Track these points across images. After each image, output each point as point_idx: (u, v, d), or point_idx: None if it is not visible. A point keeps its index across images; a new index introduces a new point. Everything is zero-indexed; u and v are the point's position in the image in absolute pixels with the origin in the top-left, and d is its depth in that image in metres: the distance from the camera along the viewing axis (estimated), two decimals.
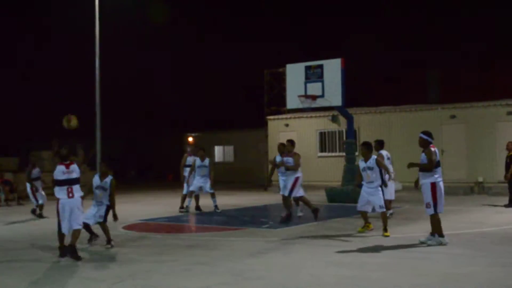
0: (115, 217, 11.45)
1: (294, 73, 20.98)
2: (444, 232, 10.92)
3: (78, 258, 10.06)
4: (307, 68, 20.61)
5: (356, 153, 22.18)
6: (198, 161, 17.42)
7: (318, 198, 21.28)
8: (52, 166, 29.40)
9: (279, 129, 29.13)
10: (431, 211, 10.86)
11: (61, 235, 10.47)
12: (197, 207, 17.87)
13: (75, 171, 10.54)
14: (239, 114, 44.07)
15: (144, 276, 8.72)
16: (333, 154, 26.91)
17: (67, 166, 10.48)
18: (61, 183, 10.41)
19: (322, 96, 20.15)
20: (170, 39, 47.70)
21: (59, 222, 10.46)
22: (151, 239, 12.70)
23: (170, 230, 14.17)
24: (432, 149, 10.85)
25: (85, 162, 30.55)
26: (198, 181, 17.34)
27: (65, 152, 10.75)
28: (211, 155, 37.59)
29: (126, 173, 40.38)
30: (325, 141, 27.65)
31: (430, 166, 10.73)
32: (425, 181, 10.84)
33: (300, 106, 20.79)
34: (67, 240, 10.38)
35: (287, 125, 28.85)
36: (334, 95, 20.00)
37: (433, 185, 10.78)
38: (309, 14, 50.13)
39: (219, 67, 48.37)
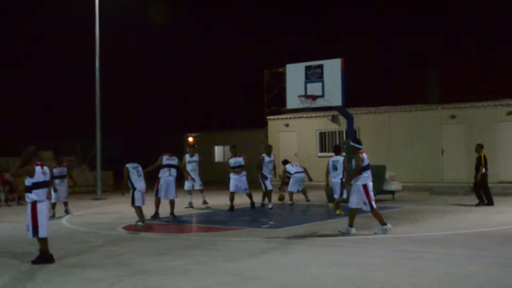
0: None
1: (294, 73, 20.94)
2: (444, 232, 11.18)
3: (52, 260, 9.93)
4: (307, 68, 20.57)
5: None
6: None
7: (318, 198, 21.28)
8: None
9: (279, 129, 29.13)
10: (367, 208, 12.26)
11: (44, 240, 9.98)
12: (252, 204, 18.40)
13: (47, 173, 10.02)
14: (239, 114, 44.09)
15: (144, 276, 8.72)
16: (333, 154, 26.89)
17: (42, 166, 9.99)
18: (40, 185, 9.89)
19: (322, 96, 20.11)
20: (170, 39, 47.72)
21: (35, 226, 9.89)
22: (151, 239, 12.70)
23: (170, 230, 14.17)
24: (361, 155, 12.27)
25: (85, 162, 30.57)
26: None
27: (31, 149, 10.05)
28: (211, 155, 37.58)
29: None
30: (325, 141, 27.65)
31: (356, 173, 12.21)
32: (358, 183, 12.24)
33: (300, 106, 20.76)
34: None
35: (287, 125, 28.85)
36: (334, 95, 19.96)
37: (365, 186, 12.20)
38: (309, 13, 50.13)
39: (219, 66, 48.41)
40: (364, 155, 12.32)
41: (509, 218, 14.75)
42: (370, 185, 12.27)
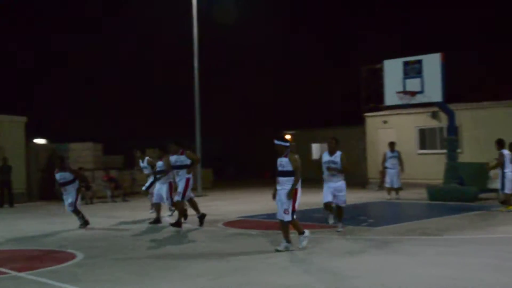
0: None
1: (392, 69, 20.64)
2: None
3: None
4: (405, 63, 20.22)
5: (458, 150, 21.54)
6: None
7: (418, 196, 20.86)
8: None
9: (377, 126, 28.74)
10: (286, 218, 10.43)
11: None
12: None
13: None
14: (336, 111, 43.82)
15: (242, 272, 8.88)
16: (434, 151, 26.23)
17: None
18: None
19: (422, 92, 19.71)
20: (280, 39, 48.04)
21: None
22: (246, 236, 12.82)
23: (269, 227, 14.28)
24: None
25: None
26: None
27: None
28: (308, 152, 37.58)
29: (224, 170, 41.58)
30: (425, 138, 27.00)
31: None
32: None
33: (399, 102, 20.44)
34: None
35: (385, 121, 28.41)
36: (434, 91, 19.52)
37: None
38: (411, 11, 49.06)
39: (318, 64, 48.36)
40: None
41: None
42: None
